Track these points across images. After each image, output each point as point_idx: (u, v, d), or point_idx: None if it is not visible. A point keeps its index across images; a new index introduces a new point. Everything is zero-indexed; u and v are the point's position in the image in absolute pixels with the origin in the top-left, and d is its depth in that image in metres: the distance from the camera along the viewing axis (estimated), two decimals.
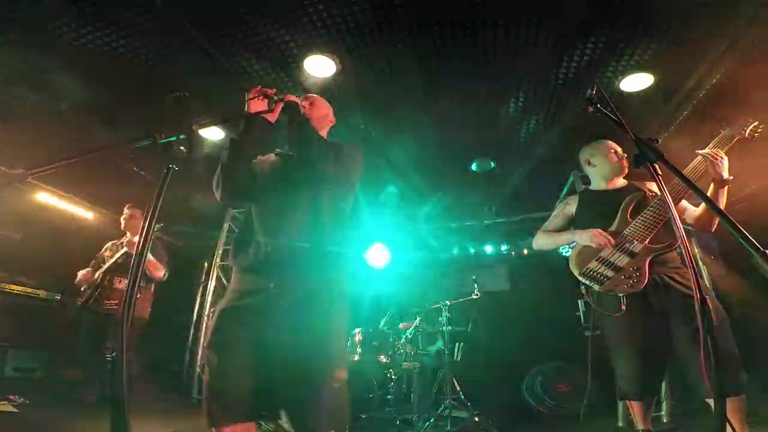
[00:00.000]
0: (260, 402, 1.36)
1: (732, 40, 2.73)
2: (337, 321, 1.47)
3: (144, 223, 1.05)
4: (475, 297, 4.04)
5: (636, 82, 3.16)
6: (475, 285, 4.08)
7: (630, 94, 3.28)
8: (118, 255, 3.47)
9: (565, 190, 4.93)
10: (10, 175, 1.00)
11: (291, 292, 1.41)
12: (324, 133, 1.84)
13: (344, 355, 1.50)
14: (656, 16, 2.58)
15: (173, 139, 1.16)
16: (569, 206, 2.41)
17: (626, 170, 2.29)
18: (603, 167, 2.30)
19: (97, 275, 3.48)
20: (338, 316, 1.47)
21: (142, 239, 1.02)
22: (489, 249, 6.40)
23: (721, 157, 1.94)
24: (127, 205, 3.76)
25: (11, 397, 3.15)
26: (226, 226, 5.76)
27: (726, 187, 1.95)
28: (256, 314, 1.39)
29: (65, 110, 3.62)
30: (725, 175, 1.92)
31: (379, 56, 2.99)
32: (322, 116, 1.82)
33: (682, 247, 1.08)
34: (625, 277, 1.94)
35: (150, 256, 3.41)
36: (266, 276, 1.44)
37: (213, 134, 3.98)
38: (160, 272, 3.52)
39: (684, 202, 2.11)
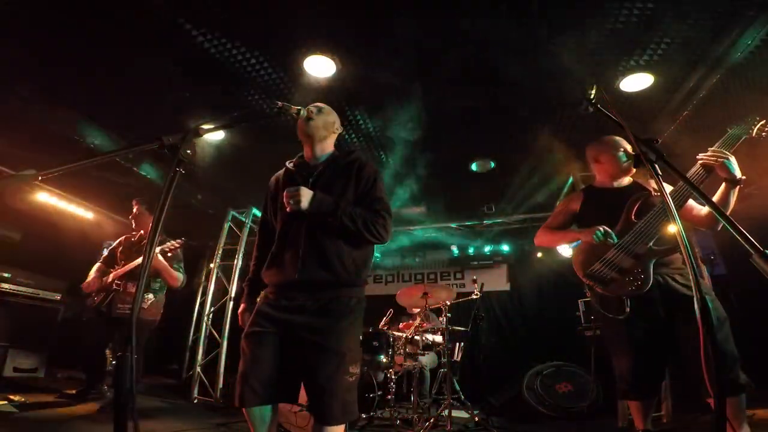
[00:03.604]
0: (283, 388, 1.59)
1: (732, 40, 2.73)
2: (353, 323, 1.68)
3: (151, 225, 1.05)
4: (475, 297, 4.03)
5: (636, 82, 3.16)
6: (475, 285, 4.07)
7: (630, 94, 3.28)
8: (137, 262, 3.40)
9: (564, 191, 4.94)
10: (22, 176, 1.01)
11: (316, 301, 1.63)
12: (331, 141, 1.92)
13: (358, 353, 1.71)
14: (657, 16, 2.59)
15: (179, 142, 1.16)
16: (573, 203, 2.34)
17: (633, 170, 2.22)
18: (610, 165, 2.23)
19: (110, 278, 3.45)
20: (354, 320, 1.69)
21: (149, 242, 1.03)
22: (489, 249, 6.41)
23: (726, 157, 1.88)
24: (135, 201, 3.68)
25: (11, 397, 3.14)
26: (226, 226, 5.77)
27: (738, 187, 1.89)
28: (287, 315, 1.62)
29: (66, 111, 3.63)
30: (737, 174, 1.87)
31: (379, 55, 3.00)
32: (329, 123, 1.88)
33: (682, 248, 1.08)
34: (629, 279, 1.92)
35: (167, 264, 3.38)
36: (295, 290, 1.66)
37: (214, 135, 3.98)
38: (177, 282, 3.49)
39: (690, 201, 2.06)
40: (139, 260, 3.37)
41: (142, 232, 3.63)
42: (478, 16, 2.64)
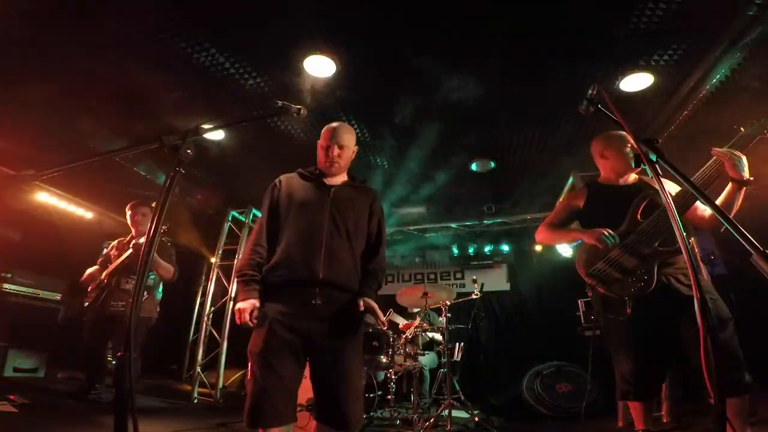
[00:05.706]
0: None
1: (732, 41, 2.73)
2: (361, 329, 1.77)
3: (150, 224, 1.06)
4: (475, 297, 4.03)
5: (636, 82, 3.16)
6: (475, 285, 4.07)
7: (630, 94, 3.28)
8: (124, 256, 3.43)
9: (564, 190, 4.94)
10: (22, 177, 1.01)
11: (333, 304, 1.67)
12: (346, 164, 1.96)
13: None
14: (657, 16, 2.58)
15: (180, 142, 1.16)
16: (577, 200, 2.26)
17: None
18: (616, 162, 2.14)
19: (103, 276, 3.46)
20: (362, 327, 1.78)
21: (148, 240, 1.03)
22: (489, 249, 6.41)
23: (738, 157, 1.84)
24: (134, 203, 3.67)
25: (11, 397, 3.14)
26: (226, 226, 5.77)
27: (745, 188, 1.85)
28: (303, 323, 1.62)
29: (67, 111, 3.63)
30: (745, 175, 1.83)
31: (378, 55, 3.00)
32: (350, 157, 1.96)
33: (682, 248, 1.07)
34: (633, 279, 1.89)
35: (158, 258, 3.39)
36: (314, 289, 1.66)
37: (214, 135, 3.98)
38: (170, 274, 3.50)
39: (697, 202, 1.98)
40: (125, 255, 3.39)
41: (133, 233, 3.63)
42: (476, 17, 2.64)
